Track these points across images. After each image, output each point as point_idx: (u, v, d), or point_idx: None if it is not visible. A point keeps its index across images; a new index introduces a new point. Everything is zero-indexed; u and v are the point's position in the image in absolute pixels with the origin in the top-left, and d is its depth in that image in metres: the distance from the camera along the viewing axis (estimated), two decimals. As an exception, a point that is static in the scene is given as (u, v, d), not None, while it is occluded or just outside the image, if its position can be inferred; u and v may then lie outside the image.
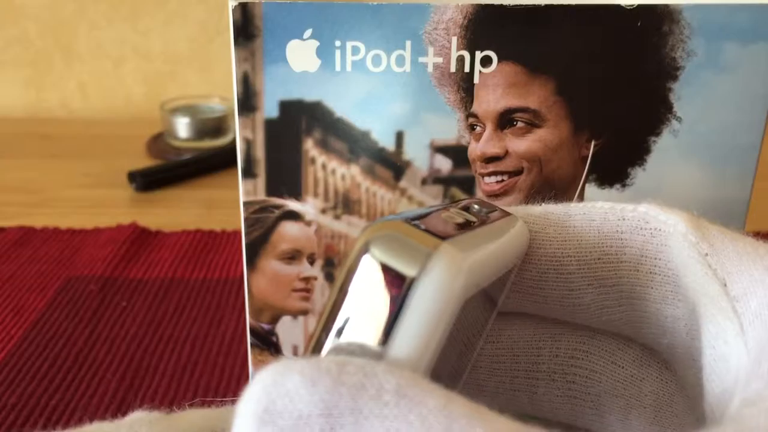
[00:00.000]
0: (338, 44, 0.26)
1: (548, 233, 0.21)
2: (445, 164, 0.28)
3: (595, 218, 0.20)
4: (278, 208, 0.28)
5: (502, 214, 0.20)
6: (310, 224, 0.29)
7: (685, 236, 0.18)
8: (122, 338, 0.40)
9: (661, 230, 0.19)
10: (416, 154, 0.28)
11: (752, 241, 0.18)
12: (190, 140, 0.68)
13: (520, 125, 0.27)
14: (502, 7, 0.25)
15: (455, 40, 0.26)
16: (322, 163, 0.28)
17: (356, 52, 0.26)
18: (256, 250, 0.29)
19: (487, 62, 0.26)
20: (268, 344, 0.30)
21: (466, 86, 0.27)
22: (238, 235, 0.51)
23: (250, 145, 0.28)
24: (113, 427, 0.19)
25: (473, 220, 0.18)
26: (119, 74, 0.80)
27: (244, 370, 0.37)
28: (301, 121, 0.27)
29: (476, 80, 0.27)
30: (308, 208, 0.28)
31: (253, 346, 0.30)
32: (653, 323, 0.20)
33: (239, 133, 0.27)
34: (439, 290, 0.15)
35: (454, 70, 0.26)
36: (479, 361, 0.23)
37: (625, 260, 0.20)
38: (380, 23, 0.26)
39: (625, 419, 0.22)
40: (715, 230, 0.19)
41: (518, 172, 0.28)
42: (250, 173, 0.28)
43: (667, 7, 0.26)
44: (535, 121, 0.27)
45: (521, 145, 0.27)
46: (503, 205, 0.23)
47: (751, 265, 0.17)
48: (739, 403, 0.14)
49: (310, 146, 0.28)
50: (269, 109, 0.27)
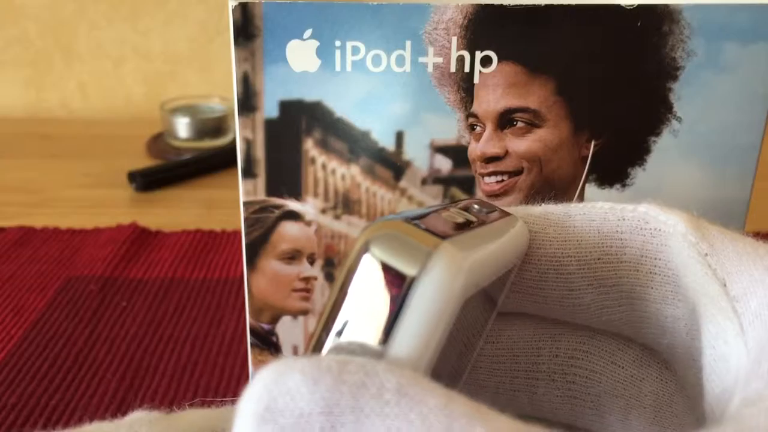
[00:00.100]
0: (338, 44, 0.26)
1: (548, 233, 0.21)
2: (445, 164, 0.28)
3: (595, 218, 0.20)
4: (278, 208, 0.28)
5: (502, 214, 0.20)
6: (310, 224, 0.29)
7: (685, 236, 0.18)
8: (122, 338, 0.40)
9: (661, 230, 0.19)
10: (416, 154, 0.28)
11: (752, 241, 0.18)
12: (190, 140, 0.68)
13: (520, 125, 0.27)
14: (502, 7, 0.25)
15: (455, 40, 0.26)
16: (322, 163, 0.28)
17: (356, 52, 0.26)
18: (256, 250, 0.29)
19: (487, 62, 0.26)
20: (268, 344, 0.30)
21: (466, 86, 0.27)
22: (238, 235, 0.51)
23: (250, 145, 0.28)
24: (113, 427, 0.19)
25: (473, 220, 0.18)
26: (119, 74, 0.80)
27: (244, 370, 0.37)
28: (301, 121, 0.27)
29: (476, 80, 0.27)
30: (308, 208, 0.28)
31: (253, 346, 0.30)
32: (653, 323, 0.20)
33: (239, 133, 0.27)
34: (439, 289, 0.15)
35: (454, 70, 0.26)
36: (479, 361, 0.23)
37: (625, 260, 0.20)
38: (380, 23, 0.26)
39: (625, 419, 0.22)
40: (715, 230, 0.19)
41: (518, 172, 0.28)
42: (250, 173, 0.28)
43: (667, 7, 0.26)
44: (535, 121, 0.27)
45: (521, 145, 0.27)
46: (503, 205, 0.23)
47: (751, 265, 0.17)
48: (739, 402, 0.14)
49: (310, 146, 0.28)
50: (269, 109, 0.27)
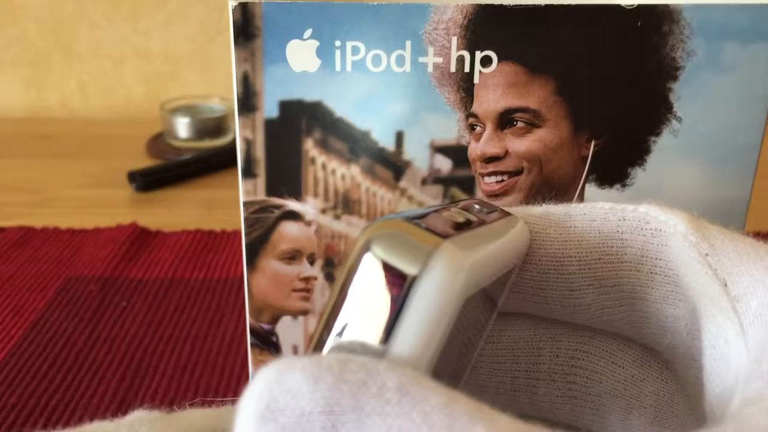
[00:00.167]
0: (338, 44, 0.26)
1: (549, 234, 0.21)
2: (445, 164, 0.28)
3: (595, 219, 0.20)
4: (278, 208, 0.28)
5: (502, 214, 0.20)
6: (310, 224, 0.29)
7: (685, 236, 0.18)
8: (122, 338, 0.40)
9: (661, 230, 0.19)
10: (416, 154, 0.28)
11: (752, 241, 0.18)
12: (190, 140, 0.68)
13: (520, 125, 0.27)
14: (502, 7, 0.25)
15: (455, 40, 0.26)
16: (322, 163, 0.28)
17: (356, 52, 0.26)
18: (256, 250, 0.29)
19: (487, 62, 0.26)
20: (268, 344, 0.30)
21: (466, 86, 0.27)
22: (238, 235, 0.51)
23: (250, 145, 0.28)
24: (113, 426, 0.19)
25: (474, 219, 0.18)
26: (119, 74, 0.80)
27: (244, 370, 0.37)
28: (301, 121, 0.27)
29: (476, 80, 0.27)
30: (308, 208, 0.28)
31: (253, 346, 0.30)
32: (654, 323, 0.20)
33: (239, 133, 0.27)
34: (440, 288, 0.15)
35: (454, 70, 0.26)
36: (480, 361, 0.23)
37: (625, 260, 0.20)
38: (380, 23, 0.26)
39: (625, 419, 0.22)
40: (715, 230, 0.19)
41: (518, 172, 0.28)
42: (250, 173, 0.28)
43: (667, 7, 0.26)
44: (535, 121, 0.27)
45: (521, 145, 0.27)
46: (503, 205, 0.23)
47: (751, 265, 0.17)
48: (739, 402, 0.14)
49: (310, 146, 0.28)
50: (269, 109, 0.27)
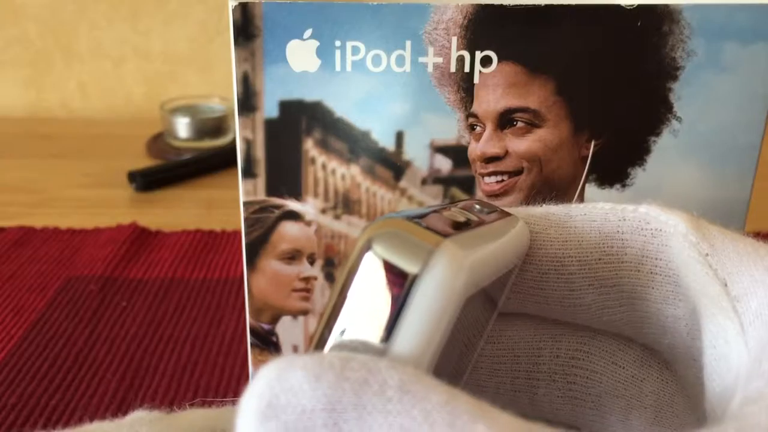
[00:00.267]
0: (338, 44, 0.26)
1: (549, 234, 0.21)
2: (445, 164, 0.28)
3: (595, 219, 0.20)
4: (278, 208, 0.28)
5: (502, 214, 0.20)
6: (310, 224, 0.29)
7: (685, 236, 0.18)
8: (122, 338, 0.40)
9: (661, 231, 0.19)
10: (416, 154, 0.28)
11: (752, 241, 0.18)
12: (190, 140, 0.68)
13: (520, 125, 0.27)
14: (502, 7, 0.25)
15: (455, 40, 0.26)
16: (322, 163, 0.28)
17: (356, 52, 0.26)
18: (256, 250, 0.29)
19: (487, 62, 0.26)
20: (268, 344, 0.30)
21: (466, 86, 0.27)
22: (238, 235, 0.51)
23: (250, 145, 0.28)
24: (114, 426, 0.19)
25: (474, 219, 0.18)
26: (119, 74, 0.80)
27: (244, 370, 0.37)
28: (301, 121, 0.27)
29: (476, 80, 0.27)
30: (308, 208, 0.28)
31: (253, 346, 0.30)
32: (654, 323, 0.20)
33: (239, 133, 0.27)
34: (441, 287, 0.15)
35: (454, 70, 0.26)
36: (480, 361, 0.23)
37: (625, 261, 0.20)
38: (380, 23, 0.26)
39: (625, 420, 0.22)
40: (715, 230, 0.19)
41: (518, 172, 0.28)
42: (250, 173, 0.28)
43: (667, 7, 0.26)
44: (535, 121, 0.27)
45: (521, 145, 0.27)
46: (503, 205, 0.23)
47: (751, 265, 0.17)
48: (740, 401, 0.14)
49: (310, 146, 0.28)
50: (269, 109, 0.27)
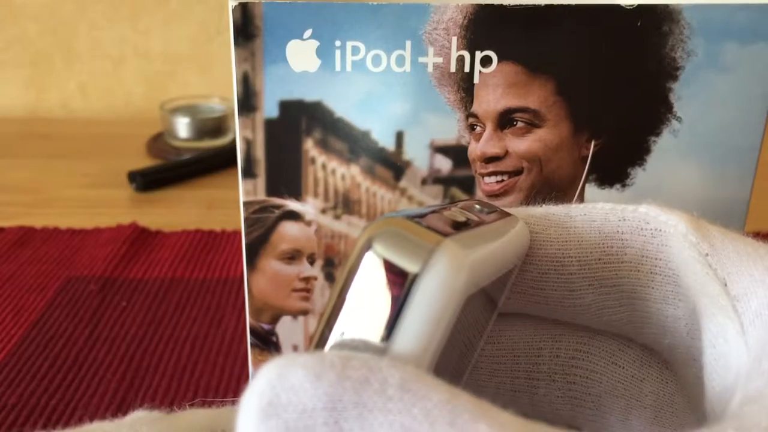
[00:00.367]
0: (338, 44, 0.26)
1: (549, 234, 0.21)
2: (445, 164, 0.28)
3: (595, 219, 0.20)
4: (278, 208, 0.28)
5: (502, 214, 0.20)
6: (310, 224, 0.29)
7: (685, 236, 0.18)
8: (122, 338, 0.40)
9: (661, 231, 0.19)
10: (416, 154, 0.28)
11: (752, 241, 0.18)
12: (190, 140, 0.68)
13: (520, 125, 0.27)
14: (502, 7, 0.25)
15: (455, 40, 0.26)
16: (322, 163, 0.28)
17: (356, 52, 0.26)
18: (256, 250, 0.29)
19: (487, 62, 0.26)
20: (268, 344, 0.30)
21: (466, 86, 0.27)
22: (238, 235, 0.51)
23: (250, 145, 0.28)
24: (114, 426, 0.19)
25: (474, 219, 0.18)
26: (119, 74, 0.80)
27: (244, 370, 0.37)
28: (301, 121, 0.27)
29: (476, 80, 0.27)
30: (308, 208, 0.28)
31: (253, 346, 0.30)
32: (654, 323, 0.20)
33: (239, 133, 0.27)
34: (441, 286, 0.15)
35: (454, 70, 0.26)
36: (480, 361, 0.23)
37: (625, 261, 0.20)
38: (380, 23, 0.26)
39: (625, 419, 0.22)
40: (715, 230, 0.19)
41: (518, 172, 0.28)
42: (250, 173, 0.28)
43: (667, 7, 0.26)
44: (535, 121, 0.27)
45: (521, 145, 0.27)
46: (503, 205, 0.23)
47: (751, 265, 0.17)
48: (740, 400, 0.14)
49: (310, 146, 0.28)
50: (269, 109, 0.27)
